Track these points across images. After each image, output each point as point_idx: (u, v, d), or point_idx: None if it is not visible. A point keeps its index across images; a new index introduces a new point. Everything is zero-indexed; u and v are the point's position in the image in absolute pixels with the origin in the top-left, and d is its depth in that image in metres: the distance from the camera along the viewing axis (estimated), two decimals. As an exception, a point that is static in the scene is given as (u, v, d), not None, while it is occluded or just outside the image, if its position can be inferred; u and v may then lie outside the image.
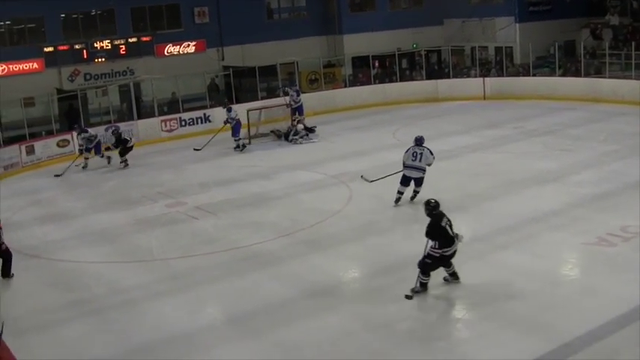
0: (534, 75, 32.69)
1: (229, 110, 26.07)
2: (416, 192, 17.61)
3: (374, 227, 16.29)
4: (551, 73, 32.59)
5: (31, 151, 25.60)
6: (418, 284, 12.27)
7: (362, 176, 19.13)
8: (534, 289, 12.33)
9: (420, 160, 17.31)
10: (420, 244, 14.40)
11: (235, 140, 25.78)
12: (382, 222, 16.60)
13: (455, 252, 12.26)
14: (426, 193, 18.47)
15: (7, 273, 14.93)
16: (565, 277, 13.22)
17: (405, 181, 17.47)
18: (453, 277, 12.60)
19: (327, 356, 10.57)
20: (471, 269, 13.33)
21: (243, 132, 26.32)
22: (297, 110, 27.81)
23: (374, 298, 12.52)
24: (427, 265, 12.26)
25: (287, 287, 13.10)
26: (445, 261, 12.33)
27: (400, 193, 17.54)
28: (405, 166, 17.45)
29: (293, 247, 15.42)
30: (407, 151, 17.59)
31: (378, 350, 10.66)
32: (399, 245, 14.93)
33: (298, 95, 28.13)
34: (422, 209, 16.67)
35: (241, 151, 25.57)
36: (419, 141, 17.60)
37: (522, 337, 10.64)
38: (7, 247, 15.00)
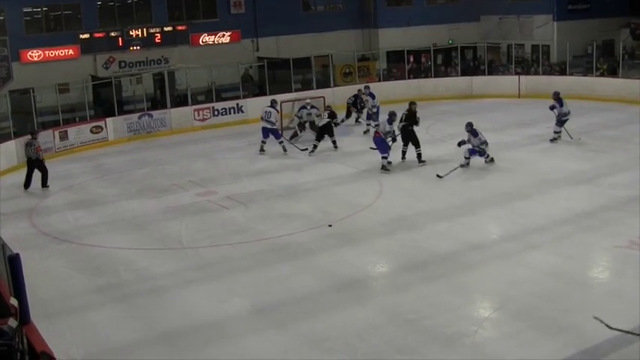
0: (571, 74, 32.35)
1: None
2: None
3: (404, 222, 16.20)
4: (588, 73, 32.28)
5: (64, 136, 25.79)
6: None
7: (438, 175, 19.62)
8: (563, 290, 12.22)
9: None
10: (451, 242, 14.39)
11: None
12: (412, 217, 16.50)
13: None
14: (458, 189, 18.47)
15: (45, 184, 20.98)
16: (595, 279, 13.08)
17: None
18: None
19: (352, 349, 10.52)
20: (500, 268, 13.25)
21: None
22: (375, 116, 26.43)
23: (401, 293, 12.46)
24: None
25: (315, 279, 13.07)
26: None
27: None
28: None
29: (322, 239, 15.38)
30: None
31: (403, 345, 10.60)
32: (428, 241, 14.86)
33: (374, 98, 26.84)
34: (451, 205, 16.75)
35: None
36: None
37: (549, 338, 10.52)
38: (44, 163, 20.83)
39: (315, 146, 23.65)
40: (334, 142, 23.81)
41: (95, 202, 19.59)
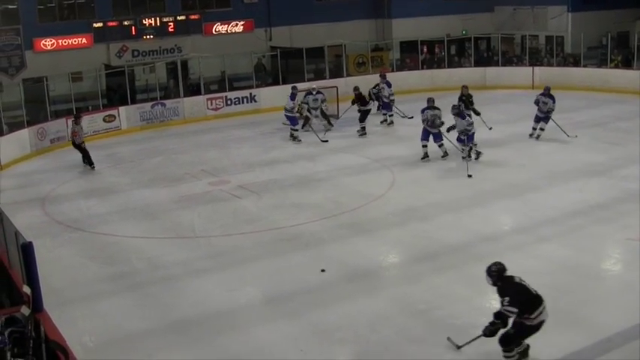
0: (585, 66, 32.19)
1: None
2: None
3: (416, 213, 16.19)
4: (602, 65, 32.10)
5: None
6: None
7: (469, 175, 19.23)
8: (575, 282, 12.19)
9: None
10: (462, 234, 14.35)
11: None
12: (424, 208, 16.48)
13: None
14: (470, 181, 18.42)
15: (91, 163, 21.92)
16: (607, 271, 13.04)
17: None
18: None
19: (363, 339, 10.54)
20: (511, 260, 13.10)
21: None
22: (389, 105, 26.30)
23: (412, 283, 12.48)
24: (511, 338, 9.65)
25: (327, 269, 13.07)
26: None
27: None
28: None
29: (334, 229, 15.39)
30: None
31: (414, 336, 10.61)
32: (439, 232, 14.85)
33: (390, 87, 26.42)
34: (462, 196, 16.68)
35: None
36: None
37: (561, 330, 10.47)
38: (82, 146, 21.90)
39: (363, 128, 24.45)
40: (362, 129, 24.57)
41: (108, 190, 19.64)
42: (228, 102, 30.02)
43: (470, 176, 18.55)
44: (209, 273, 13.42)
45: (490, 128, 22.61)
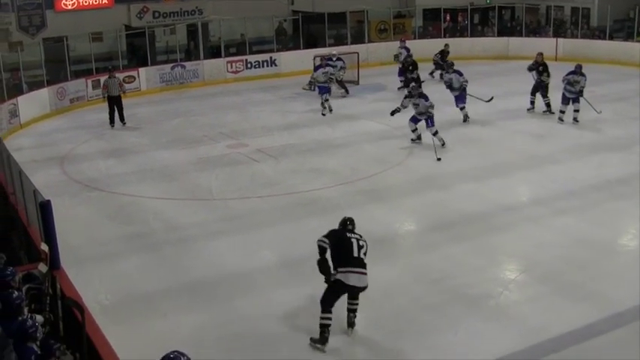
0: (610, 39, 31.78)
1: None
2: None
3: (433, 182, 16.15)
4: (629, 38, 31.71)
5: (97, 85, 25.72)
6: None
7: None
8: (591, 256, 12.13)
9: None
10: (479, 204, 14.33)
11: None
12: (442, 177, 16.42)
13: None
14: (490, 151, 18.35)
15: (122, 119, 22.52)
16: (623, 247, 12.94)
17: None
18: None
19: (377, 306, 10.54)
20: (528, 231, 13.18)
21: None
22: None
23: (428, 252, 12.47)
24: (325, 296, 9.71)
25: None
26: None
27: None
28: None
29: (351, 195, 15.37)
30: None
31: (428, 304, 10.61)
32: (457, 202, 14.80)
33: (408, 52, 26.12)
34: (481, 166, 16.58)
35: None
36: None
37: (574, 303, 10.48)
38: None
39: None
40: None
41: (126, 151, 19.71)
42: (249, 65, 29.96)
43: (439, 159, 17.56)
44: (225, 235, 13.46)
45: (490, 99, 22.19)
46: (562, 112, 20.83)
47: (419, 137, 18.94)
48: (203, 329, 10.10)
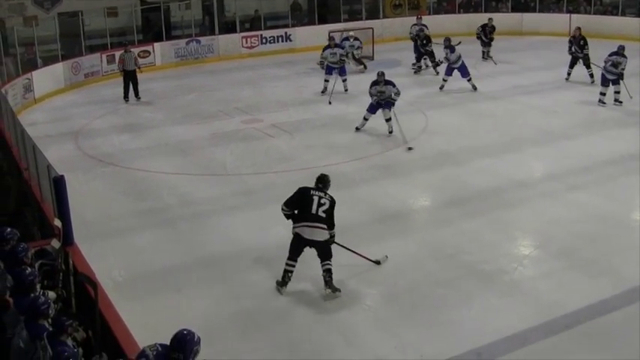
0: (624, 15, 31.49)
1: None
2: None
3: (448, 158, 16.07)
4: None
5: (111, 60, 25.77)
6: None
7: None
8: (605, 232, 12.06)
9: None
10: (493, 179, 14.27)
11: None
12: (456, 153, 16.34)
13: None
14: (504, 126, 18.28)
15: (137, 94, 22.60)
16: (638, 222, 12.82)
17: None
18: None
19: (392, 281, 10.55)
20: (541, 207, 13.13)
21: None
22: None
23: (442, 228, 12.42)
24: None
25: (357, 211, 13.01)
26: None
27: None
28: None
29: (366, 171, 15.35)
30: None
31: (442, 280, 10.58)
32: (471, 177, 14.74)
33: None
34: (496, 142, 16.50)
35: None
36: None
37: (588, 279, 10.43)
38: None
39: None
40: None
41: (141, 126, 19.73)
42: (263, 40, 29.93)
43: (410, 149, 16.85)
44: (240, 210, 13.45)
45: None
46: (603, 94, 20.06)
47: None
48: (217, 304, 10.12)
